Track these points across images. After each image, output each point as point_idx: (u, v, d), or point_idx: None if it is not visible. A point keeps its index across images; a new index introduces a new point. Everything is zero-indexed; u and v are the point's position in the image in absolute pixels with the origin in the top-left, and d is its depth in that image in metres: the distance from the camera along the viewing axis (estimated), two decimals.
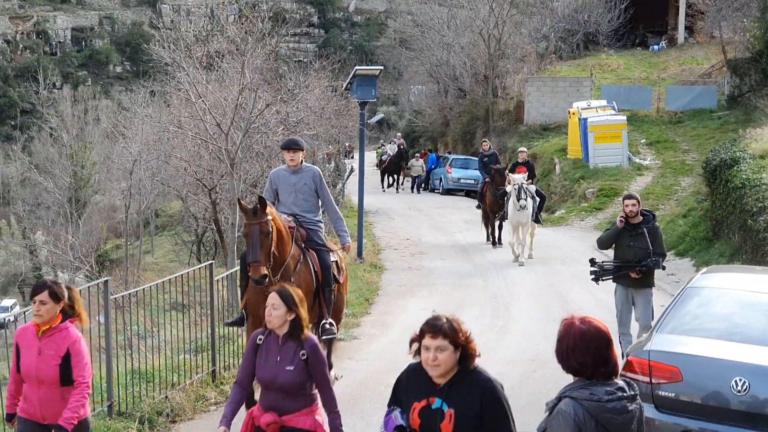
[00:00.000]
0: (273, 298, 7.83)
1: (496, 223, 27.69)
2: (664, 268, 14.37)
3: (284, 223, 11.74)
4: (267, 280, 10.78)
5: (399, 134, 61.01)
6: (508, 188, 25.23)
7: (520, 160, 27.52)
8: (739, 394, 8.56)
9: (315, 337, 8.21)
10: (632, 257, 13.81)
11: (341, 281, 13.16)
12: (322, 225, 13.03)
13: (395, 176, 52.10)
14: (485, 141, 31.49)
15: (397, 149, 52.40)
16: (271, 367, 7.89)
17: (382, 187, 51.82)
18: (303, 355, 7.82)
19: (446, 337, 6.22)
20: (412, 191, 50.21)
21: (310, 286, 12.01)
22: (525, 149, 29.41)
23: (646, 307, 13.97)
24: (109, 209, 72.53)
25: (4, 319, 19.17)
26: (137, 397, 12.10)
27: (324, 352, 8.18)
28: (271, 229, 10.97)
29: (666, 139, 42.41)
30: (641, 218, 13.98)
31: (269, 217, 11.00)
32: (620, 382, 5.62)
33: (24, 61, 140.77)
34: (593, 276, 14.24)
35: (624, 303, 14.19)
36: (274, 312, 7.80)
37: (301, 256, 12.10)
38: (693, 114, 45.22)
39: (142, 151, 45.37)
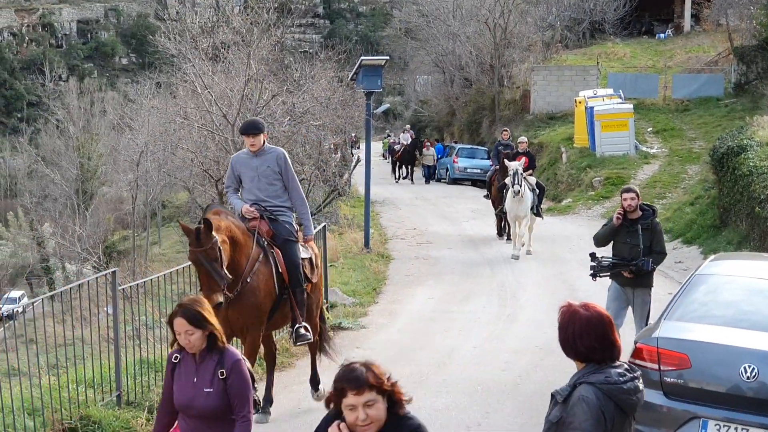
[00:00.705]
0: (181, 325, 6.77)
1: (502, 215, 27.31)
2: (653, 269, 12.96)
3: (240, 225, 10.76)
4: (223, 305, 9.93)
5: (408, 126, 60.66)
6: (507, 180, 24.35)
7: (520, 150, 26.16)
8: (748, 380, 8.55)
9: (238, 353, 7.19)
10: (628, 254, 12.94)
11: (314, 280, 12.04)
12: (291, 213, 11.87)
13: (410, 166, 51.23)
14: (505, 130, 30.37)
15: (410, 139, 51.69)
16: (187, 390, 6.91)
17: (395, 178, 51.34)
18: (222, 373, 6.81)
19: (372, 388, 5.33)
20: (426, 181, 49.76)
21: (271, 288, 11.10)
22: (525, 139, 27.77)
23: (643, 308, 13.16)
24: (116, 201, 72.67)
25: (13, 311, 19.21)
26: (146, 386, 12.11)
27: (247, 370, 7.01)
28: (218, 253, 9.83)
29: (673, 127, 42.36)
30: (640, 213, 13.10)
31: (215, 239, 9.82)
32: (625, 364, 5.64)
33: (30, 53, 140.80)
34: (591, 272, 13.30)
35: (614, 300, 13.24)
36: (192, 338, 6.77)
37: (261, 255, 11.05)
38: (700, 102, 45.14)
39: (148, 143, 45.40)
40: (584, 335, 5.54)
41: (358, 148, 50.62)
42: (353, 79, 28.17)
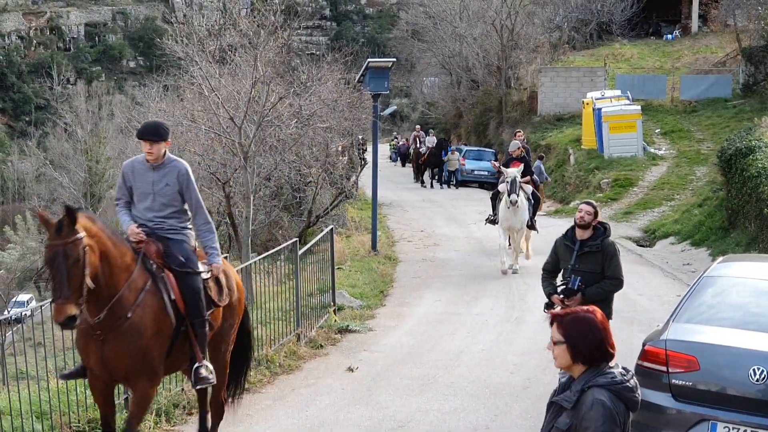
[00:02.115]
0: None
1: None
2: (584, 295, 10.94)
3: (117, 241, 8.89)
4: (77, 321, 8.20)
5: (418, 126, 60.29)
6: (501, 186, 23.12)
7: (513, 156, 24.01)
8: (757, 383, 8.53)
9: None
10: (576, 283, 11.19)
11: (222, 303, 9.81)
12: (189, 233, 9.73)
13: (436, 170, 48.61)
14: (519, 131, 28.80)
15: (436, 141, 49.20)
16: None
17: (421, 183, 49.06)
18: None
19: None
20: (449, 186, 47.31)
21: (162, 322, 9.01)
22: (519, 143, 24.81)
23: None
24: None
25: (21, 314, 19.23)
26: None
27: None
28: (81, 253, 8.13)
29: (681, 128, 42.32)
30: (591, 233, 11.43)
31: (80, 235, 8.17)
32: (615, 363, 5.63)
33: (38, 57, 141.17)
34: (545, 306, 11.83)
35: None
36: None
37: (149, 282, 9.01)
38: (707, 103, 45.12)
39: None
40: (606, 339, 5.54)
41: (365, 150, 50.53)
42: (360, 81, 28.18)
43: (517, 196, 21.68)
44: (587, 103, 40.82)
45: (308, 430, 11.42)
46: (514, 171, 22.17)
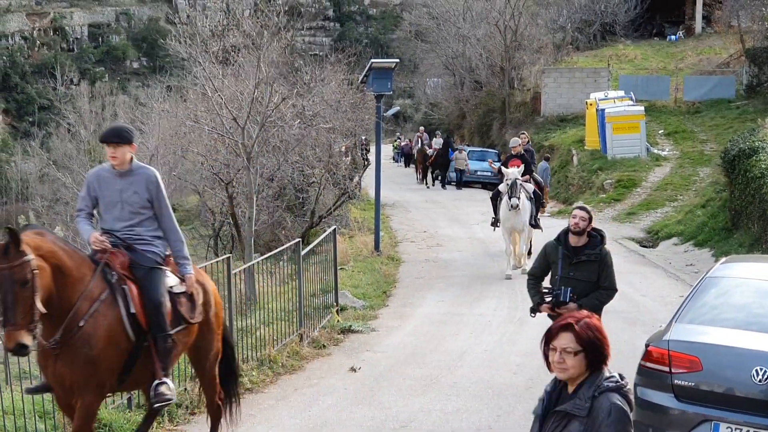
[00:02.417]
0: None
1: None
2: (580, 306, 10.12)
3: (75, 254, 8.51)
4: (28, 349, 7.76)
5: (422, 127, 60.11)
6: (501, 187, 22.58)
7: (513, 153, 23.44)
8: (760, 383, 8.53)
9: None
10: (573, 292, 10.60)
11: (194, 320, 9.29)
12: (160, 243, 9.25)
13: (443, 171, 48.30)
14: (523, 133, 27.26)
15: (442, 142, 49.30)
16: None
17: (425, 183, 49.03)
18: None
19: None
20: (454, 185, 46.87)
21: (116, 335, 8.48)
22: (519, 141, 24.02)
23: None
24: None
25: None
26: None
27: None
28: (30, 276, 7.66)
29: (684, 129, 42.31)
30: (587, 240, 10.85)
31: (27, 258, 7.69)
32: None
33: (41, 57, 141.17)
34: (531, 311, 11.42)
35: None
36: None
37: (105, 293, 8.51)
38: (711, 104, 45.11)
39: (159, 146, 45.46)
40: (608, 342, 5.51)
41: (369, 151, 50.46)
42: (363, 81, 28.19)
43: (518, 199, 21.15)
44: (590, 104, 40.83)
45: (311, 430, 11.42)
46: (515, 172, 21.61)
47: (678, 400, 8.97)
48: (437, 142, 50.64)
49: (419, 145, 52.03)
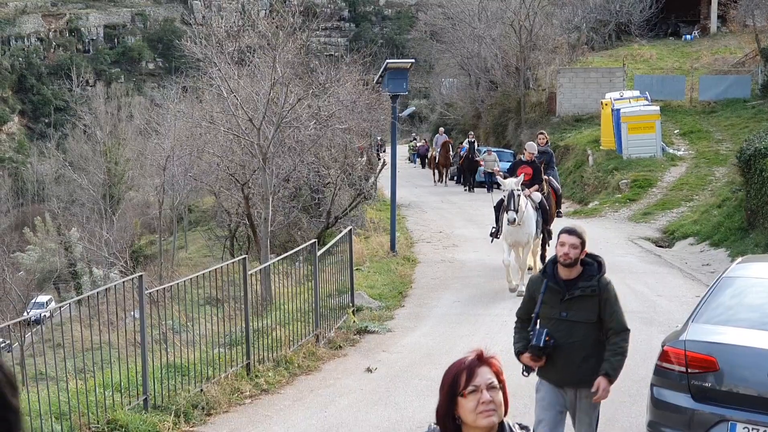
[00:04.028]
0: None
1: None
2: (607, 375, 8.25)
3: None
4: None
5: (441, 129, 59.84)
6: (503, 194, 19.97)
7: (524, 159, 21.36)
8: None
9: None
10: (566, 337, 8.39)
11: None
12: None
13: (471, 174, 46.25)
14: (542, 133, 24.85)
15: (468, 144, 47.29)
16: None
17: (464, 187, 47.09)
18: None
19: None
20: (488, 190, 42.22)
21: None
22: (535, 146, 21.80)
23: (590, 416, 8.62)
24: (143, 205, 73.15)
25: (40, 315, 19.32)
26: (172, 390, 12.14)
27: None
28: None
29: (699, 129, 42.20)
30: (580, 270, 8.57)
31: None
32: None
33: (57, 58, 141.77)
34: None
35: (547, 410, 8.69)
36: None
37: None
38: (726, 103, 44.97)
39: (174, 147, 45.62)
40: None
41: (384, 151, 50.40)
42: (379, 82, 28.18)
43: (516, 212, 18.93)
44: (606, 104, 40.76)
45: (327, 430, 11.44)
46: (512, 182, 19.30)
47: (694, 400, 8.94)
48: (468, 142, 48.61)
49: (437, 146, 51.33)
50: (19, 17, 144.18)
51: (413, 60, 29.15)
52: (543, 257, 21.55)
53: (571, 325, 8.32)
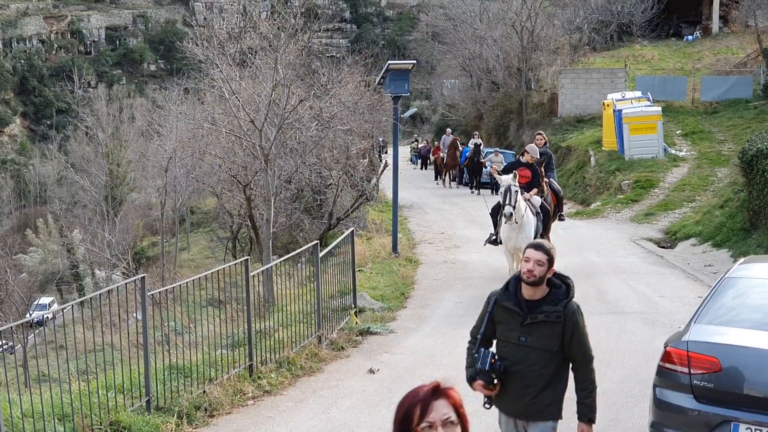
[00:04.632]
0: None
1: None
2: (587, 420, 7.72)
3: None
4: None
5: (448, 129, 59.66)
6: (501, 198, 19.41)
7: (523, 160, 20.95)
8: None
9: None
10: (521, 363, 7.52)
11: None
12: None
13: (476, 176, 45.80)
14: (539, 133, 24.07)
15: (474, 146, 46.43)
16: None
17: (471, 189, 46.23)
18: None
19: None
20: (494, 192, 44.04)
21: None
22: (536, 148, 21.20)
23: None
24: (145, 207, 73.23)
25: (43, 317, 19.35)
26: (175, 392, 12.14)
27: None
28: None
29: (701, 129, 42.18)
30: (546, 291, 7.55)
31: None
32: None
33: (59, 60, 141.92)
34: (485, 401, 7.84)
35: None
36: None
37: None
38: (728, 104, 44.96)
39: (176, 149, 45.68)
40: None
41: (386, 152, 50.36)
42: (380, 83, 28.19)
43: (513, 207, 18.58)
44: (608, 105, 40.76)
45: None
46: (509, 178, 18.85)
47: (697, 400, 8.94)
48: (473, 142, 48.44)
49: (445, 147, 50.87)
50: (21, 19, 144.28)
51: (415, 61, 29.16)
52: None
53: (529, 351, 7.44)
